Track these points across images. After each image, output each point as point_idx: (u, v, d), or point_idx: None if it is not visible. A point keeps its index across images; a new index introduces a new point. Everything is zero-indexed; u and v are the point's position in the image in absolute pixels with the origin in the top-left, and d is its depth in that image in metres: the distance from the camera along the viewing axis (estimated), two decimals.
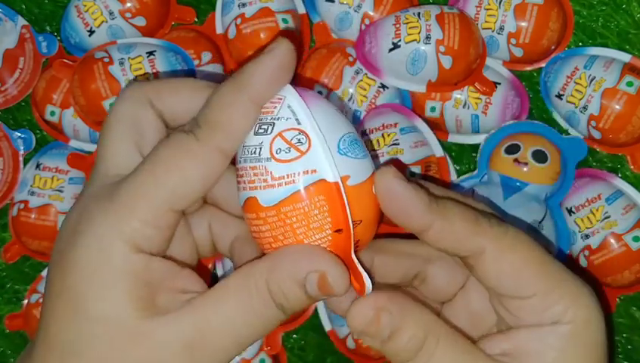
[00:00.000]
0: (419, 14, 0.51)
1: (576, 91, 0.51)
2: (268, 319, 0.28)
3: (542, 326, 0.29)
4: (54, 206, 0.53)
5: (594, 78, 0.50)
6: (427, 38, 0.50)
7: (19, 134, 0.55)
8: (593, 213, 0.50)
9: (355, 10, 0.53)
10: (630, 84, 0.50)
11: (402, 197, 0.28)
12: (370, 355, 0.51)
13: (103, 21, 0.54)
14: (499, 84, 0.52)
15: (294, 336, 0.53)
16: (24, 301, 0.54)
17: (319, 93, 0.52)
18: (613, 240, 0.49)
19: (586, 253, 0.50)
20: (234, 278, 0.29)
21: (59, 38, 0.56)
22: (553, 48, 0.53)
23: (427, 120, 0.52)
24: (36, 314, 0.52)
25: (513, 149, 0.50)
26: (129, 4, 0.54)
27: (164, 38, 0.55)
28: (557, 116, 0.53)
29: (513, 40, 0.52)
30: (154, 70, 0.52)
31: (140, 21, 0.55)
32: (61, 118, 0.55)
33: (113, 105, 0.30)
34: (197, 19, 0.57)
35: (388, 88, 0.52)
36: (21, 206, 0.53)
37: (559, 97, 0.52)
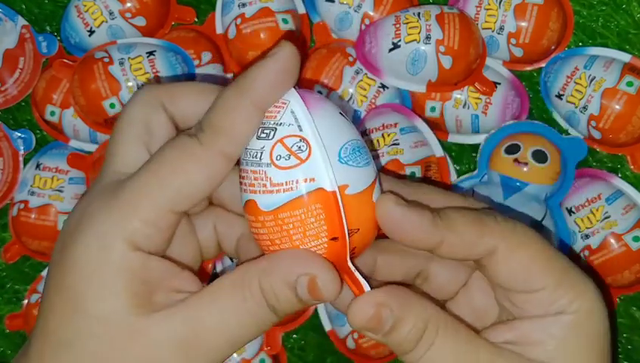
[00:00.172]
0: (419, 14, 0.51)
1: (576, 91, 0.51)
2: (261, 319, 0.29)
3: (545, 316, 0.29)
4: (54, 206, 0.53)
5: (594, 78, 0.50)
6: (427, 38, 0.50)
7: (19, 134, 0.55)
8: (593, 213, 0.50)
9: (355, 10, 0.53)
10: (630, 84, 0.50)
11: (406, 222, 0.28)
12: (370, 355, 0.51)
13: (103, 21, 0.54)
14: (499, 84, 0.52)
15: (294, 336, 0.53)
16: (24, 301, 0.54)
17: (319, 93, 0.52)
18: (613, 240, 0.49)
19: (586, 253, 0.50)
20: (229, 278, 0.29)
21: (59, 38, 0.56)
22: (553, 48, 0.53)
23: (427, 120, 0.52)
24: (36, 314, 0.52)
25: (513, 149, 0.50)
26: (129, 4, 0.54)
27: (164, 38, 0.55)
28: (557, 116, 0.53)
29: (513, 40, 0.52)
30: (154, 70, 0.52)
31: (140, 21, 0.54)
32: (61, 118, 0.55)
33: (125, 106, 0.31)
34: (197, 19, 0.57)
35: (388, 88, 0.52)
36: (21, 206, 0.53)
37: (559, 97, 0.52)
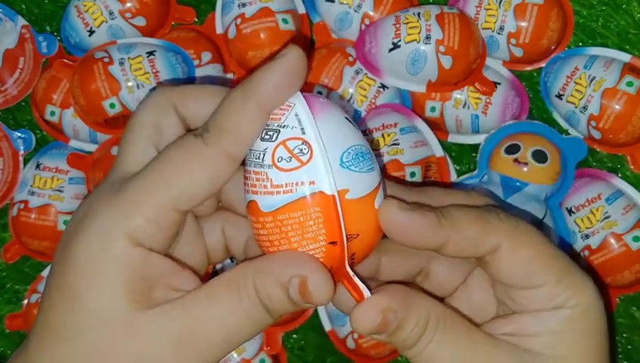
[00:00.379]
0: (419, 14, 0.51)
1: (576, 91, 0.51)
2: (256, 319, 0.29)
3: (543, 311, 0.30)
4: (54, 206, 0.53)
5: (594, 78, 0.50)
6: (427, 38, 0.50)
7: (19, 134, 0.55)
8: (593, 213, 0.50)
9: (355, 10, 0.53)
10: (630, 84, 0.50)
11: (411, 226, 0.28)
12: (370, 355, 0.51)
13: (103, 21, 0.54)
14: (499, 84, 0.52)
15: (294, 336, 0.53)
16: (24, 301, 0.54)
17: (321, 94, 0.52)
18: (613, 240, 0.49)
19: (586, 253, 0.50)
20: (225, 277, 0.29)
21: (59, 38, 0.56)
22: (553, 48, 0.53)
23: (427, 120, 0.52)
24: (36, 314, 0.52)
25: (513, 149, 0.50)
26: (129, 4, 0.54)
27: (164, 38, 0.55)
28: (557, 116, 0.53)
29: (513, 40, 0.52)
30: (154, 70, 0.52)
31: (140, 21, 0.54)
32: (61, 118, 0.55)
33: (137, 108, 0.31)
34: (197, 19, 0.57)
35: (388, 88, 0.52)
36: (21, 206, 0.53)
37: (559, 97, 0.52)
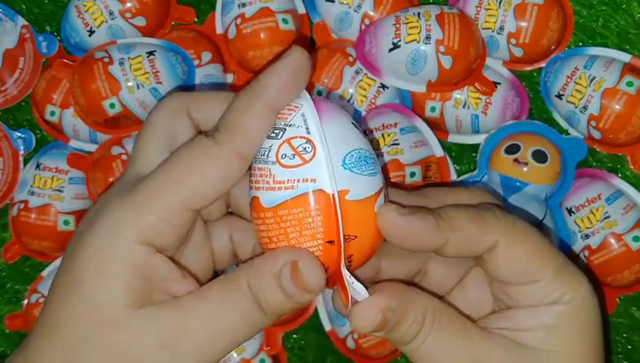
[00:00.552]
0: (419, 14, 0.51)
1: (576, 91, 0.51)
2: (251, 319, 0.29)
3: (538, 306, 0.30)
4: (54, 206, 0.53)
5: (594, 78, 0.50)
6: (427, 38, 0.50)
7: (19, 134, 0.55)
8: (593, 213, 0.50)
9: (355, 10, 0.53)
10: (630, 84, 0.50)
11: (410, 230, 0.29)
12: (370, 355, 0.51)
13: (103, 21, 0.54)
14: (499, 84, 0.52)
15: (294, 336, 0.53)
16: (24, 301, 0.54)
17: (319, 93, 0.52)
18: (613, 240, 0.49)
19: (586, 253, 0.50)
20: (219, 279, 0.29)
21: (59, 38, 0.56)
22: (553, 48, 0.53)
23: (427, 120, 0.52)
24: (36, 314, 0.52)
25: (513, 149, 0.50)
26: (129, 4, 0.54)
27: (164, 38, 0.55)
28: (557, 116, 0.53)
29: (513, 40, 0.52)
30: (154, 70, 0.52)
31: (140, 21, 0.54)
32: (61, 118, 0.55)
33: (151, 112, 0.32)
34: (197, 19, 0.57)
35: (388, 88, 0.52)
36: (21, 206, 0.53)
37: (559, 97, 0.52)
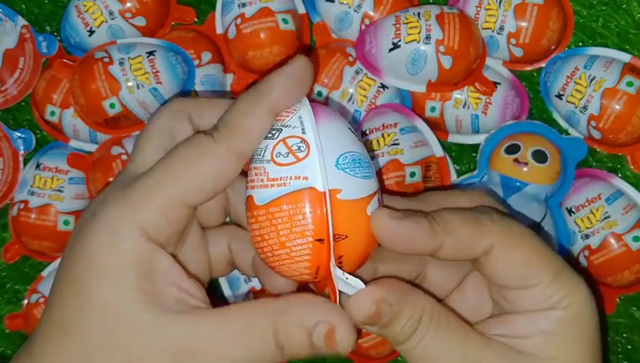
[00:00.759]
0: (419, 14, 0.51)
1: (576, 91, 0.51)
2: (268, 356, 0.29)
3: (536, 312, 0.30)
4: (54, 206, 0.53)
5: (594, 78, 0.50)
6: (427, 38, 0.50)
7: (19, 134, 0.55)
8: (593, 213, 0.50)
9: (355, 10, 0.53)
10: (630, 84, 0.50)
11: (404, 234, 0.29)
12: (370, 355, 0.51)
13: (103, 21, 0.54)
14: (499, 84, 0.52)
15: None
16: (24, 301, 0.54)
17: (319, 93, 0.52)
18: (613, 240, 0.49)
19: (586, 253, 0.50)
20: (243, 309, 0.29)
21: (59, 38, 0.56)
22: (553, 48, 0.53)
23: (427, 120, 0.52)
24: (36, 314, 0.52)
25: (513, 149, 0.50)
26: (129, 4, 0.54)
27: (164, 38, 0.55)
28: (557, 116, 0.53)
29: (513, 40, 0.52)
30: (154, 70, 0.52)
31: (140, 21, 0.54)
32: (61, 118, 0.55)
33: (153, 114, 0.33)
34: (197, 19, 0.57)
35: (388, 88, 0.52)
36: (21, 206, 0.53)
37: (559, 97, 0.52)
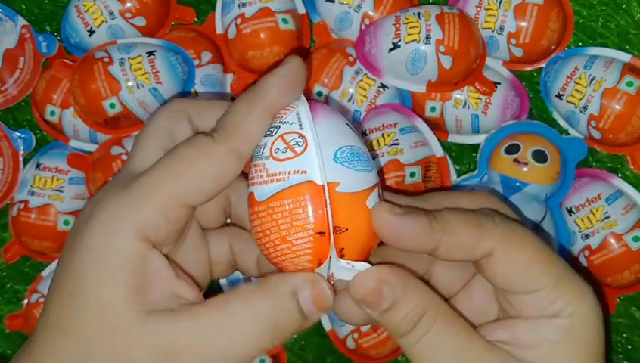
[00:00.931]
0: (419, 14, 0.51)
1: (576, 91, 0.51)
2: (248, 346, 0.29)
3: (540, 318, 0.29)
4: (54, 206, 0.53)
5: (594, 78, 0.50)
6: (427, 38, 0.50)
7: (19, 134, 0.55)
8: (593, 213, 0.50)
9: (355, 10, 0.53)
10: (630, 84, 0.50)
11: (402, 229, 0.29)
12: (370, 355, 0.51)
13: (103, 21, 0.54)
14: (499, 84, 0.52)
15: (294, 336, 0.53)
16: (24, 301, 0.54)
17: (319, 93, 0.52)
18: (613, 240, 0.49)
19: (586, 253, 0.50)
20: (219, 303, 0.29)
21: (59, 38, 0.56)
22: (553, 48, 0.53)
23: (427, 120, 0.52)
24: (36, 314, 0.52)
25: (513, 149, 0.50)
26: (129, 4, 0.54)
27: (164, 38, 0.55)
28: (557, 116, 0.53)
29: (513, 40, 0.52)
30: (154, 70, 0.52)
31: (140, 21, 0.54)
32: (61, 118, 0.55)
33: (152, 115, 0.33)
34: (197, 19, 0.57)
35: (388, 88, 0.52)
36: (21, 206, 0.53)
37: (559, 97, 0.52)
